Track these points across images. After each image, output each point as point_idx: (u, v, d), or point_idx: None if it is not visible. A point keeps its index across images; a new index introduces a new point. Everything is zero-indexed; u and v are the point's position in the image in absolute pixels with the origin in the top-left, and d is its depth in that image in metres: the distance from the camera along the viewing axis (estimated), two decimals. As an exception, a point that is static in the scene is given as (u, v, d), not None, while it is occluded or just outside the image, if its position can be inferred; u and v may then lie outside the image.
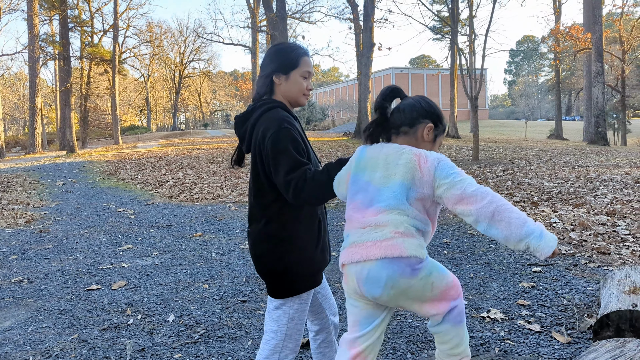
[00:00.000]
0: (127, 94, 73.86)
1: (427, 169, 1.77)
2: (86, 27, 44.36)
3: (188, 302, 4.01)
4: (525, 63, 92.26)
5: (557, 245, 1.73)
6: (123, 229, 6.73)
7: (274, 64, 2.17)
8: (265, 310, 3.83)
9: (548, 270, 4.81)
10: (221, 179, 12.01)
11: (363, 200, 1.86)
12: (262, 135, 2.03)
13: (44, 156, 24.34)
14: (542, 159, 16.21)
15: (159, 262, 5.14)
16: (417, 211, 1.80)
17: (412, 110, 1.92)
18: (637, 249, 5.60)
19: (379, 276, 1.73)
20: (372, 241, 1.76)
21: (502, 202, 1.71)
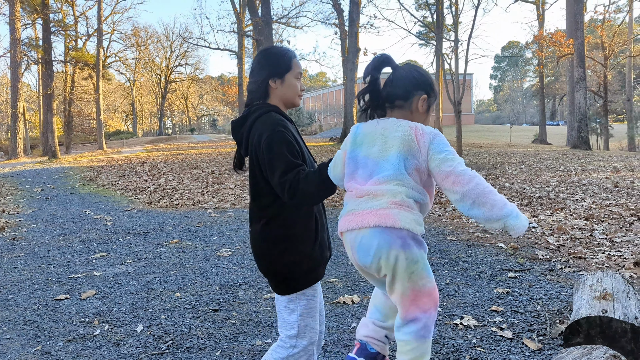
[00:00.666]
0: (113, 99, 73.35)
1: (423, 142, 1.81)
2: (70, 32, 44.10)
3: (158, 312, 3.94)
4: (510, 68, 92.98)
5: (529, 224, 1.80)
6: (98, 237, 6.63)
7: (268, 69, 2.22)
8: (236, 318, 3.78)
9: (524, 276, 4.80)
10: (203, 184, 11.92)
11: (363, 174, 1.89)
12: (258, 139, 2.09)
13: (26, 162, 24.07)
14: (525, 163, 16.30)
15: (132, 270, 5.05)
16: (415, 182, 1.83)
17: (406, 82, 1.93)
18: (613, 254, 5.62)
19: (370, 244, 1.77)
20: (369, 210, 1.79)
21: (486, 185, 1.77)
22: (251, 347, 3.30)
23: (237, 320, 3.74)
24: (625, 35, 40.14)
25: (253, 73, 2.26)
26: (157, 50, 66.76)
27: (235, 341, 3.39)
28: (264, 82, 2.22)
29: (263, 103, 2.23)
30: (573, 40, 26.14)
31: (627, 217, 7.47)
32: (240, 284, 4.58)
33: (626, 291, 3.55)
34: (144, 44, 61.94)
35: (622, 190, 10.00)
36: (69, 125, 48.54)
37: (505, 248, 5.80)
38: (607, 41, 38.26)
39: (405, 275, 1.81)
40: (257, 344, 3.34)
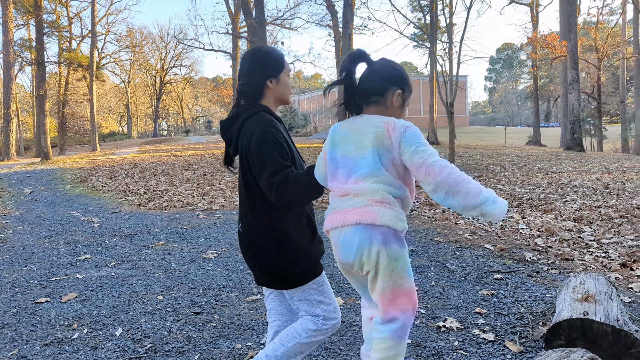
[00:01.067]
0: (108, 100, 73.17)
1: (394, 136, 1.83)
2: (64, 32, 43.95)
3: (139, 315, 3.89)
4: (505, 70, 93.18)
5: (507, 209, 1.84)
6: (84, 239, 6.58)
7: (265, 70, 2.25)
8: (217, 321, 3.74)
9: (509, 278, 4.78)
10: (194, 186, 11.87)
11: (343, 173, 1.92)
12: (248, 139, 2.12)
13: (18, 163, 23.95)
14: (517, 165, 16.32)
15: (116, 273, 5.01)
16: (393, 177, 1.86)
17: (381, 77, 1.94)
18: (600, 255, 5.61)
19: (352, 241, 1.80)
20: (350, 208, 1.82)
21: (459, 173, 1.77)
22: (230, 350, 3.26)
23: (218, 324, 3.70)
24: (619, 38, 40.29)
25: (246, 74, 2.27)
26: (152, 51, 66.66)
27: (215, 345, 3.35)
28: (261, 83, 2.25)
29: (252, 103, 2.25)
30: (566, 42, 26.21)
31: (616, 219, 7.48)
32: (224, 286, 4.54)
33: (609, 293, 3.53)
34: (139, 45, 61.83)
35: (613, 191, 10.02)
36: (63, 126, 48.36)
37: (493, 250, 5.79)
38: (600, 43, 38.42)
39: (387, 272, 1.83)
40: (237, 347, 3.30)
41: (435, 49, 30.39)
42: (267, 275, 2.25)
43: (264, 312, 3.89)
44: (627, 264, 5.20)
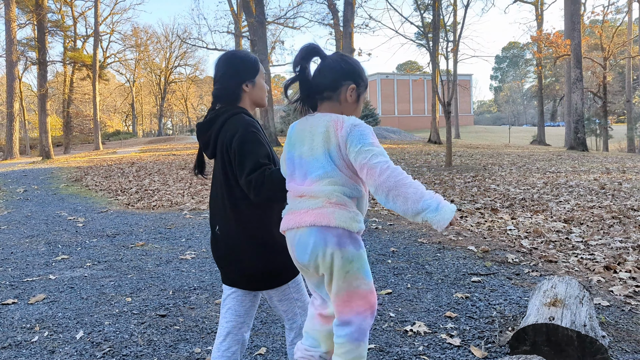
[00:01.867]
0: (113, 99, 73.34)
1: (341, 135, 1.79)
2: (69, 32, 44.07)
3: (104, 317, 3.84)
4: (510, 69, 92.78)
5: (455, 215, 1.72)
6: (65, 238, 6.53)
7: (242, 74, 2.27)
8: (182, 324, 3.68)
9: (488, 280, 4.69)
10: (186, 185, 11.81)
11: (299, 174, 1.90)
12: (229, 138, 2.12)
13: (20, 162, 24.01)
14: (516, 164, 16.18)
15: (90, 274, 4.95)
16: (347, 177, 1.82)
17: (333, 72, 1.90)
18: (586, 257, 5.51)
19: (306, 242, 1.79)
20: (305, 209, 1.81)
21: (402, 176, 1.71)
22: (189, 354, 3.20)
23: (182, 327, 3.64)
24: (625, 36, 39.98)
25: (221, 79, 2.27)
26: (156, 50, 66.75)
27: (174, 348, 3.29)
28: (238, 86, 2.26)
29: (230, 106, 2.26)
30: (570, 41, 26.00)
31: (608, 220, 7.36)
32: (195, 288, 4.48)
33: (579, 297, 3.44)
34: (144, 45, 61.92)
35: (608, 192, 9.88)
36: (67, 125, 48.46)
37: (476, 251, 5.70)
38: (606, 42, 38.12)
39: (341, 274, 1.79)
40: (196, 351, 3.24)
41: (437, 47, 30.28)
42: (247, 276, 2.22)
43: (230, 315, 3.83)
44: (611, 267, 5.10)
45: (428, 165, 15.87)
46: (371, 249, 5.75)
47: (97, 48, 36.92)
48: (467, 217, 7.70)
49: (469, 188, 10.68)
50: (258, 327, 3.62)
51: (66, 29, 41.98)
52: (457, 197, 9.53)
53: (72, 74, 46.30)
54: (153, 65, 67.10)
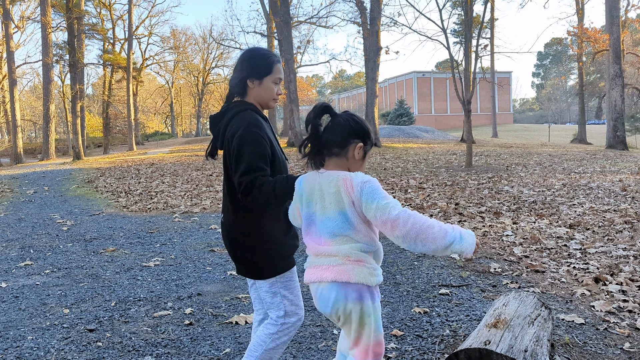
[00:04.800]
0: (153, 100, 74.66)
1: (354, 195, 1.87)
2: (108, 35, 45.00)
3: (30, 331, 3.65)
4: (553, 66, 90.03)
5: (476, 239, 1.85)
6: (42, 243, 6.44)
7: (249, 69, 2.32)
8: (106, 340, 3.47)
9: (458, 292, 4.32)
10: (192, 187, 11.71)
11: (315, 231, 1.99)
12: (232, 135, 2.20)
13: (52, 163, 24.51)
14: (542, 164, 15.50)
15: (42, 282, 4.80)
16: (362, 234, 1.92)
17: (343, 130, 1.98)
18: (579, 266, 5.06)
19: (328, 296, 1.90)
20: (327, 265, 1.91)
21: (423, 220, 1.80)
22: (96, 374, 2.98)
23: (104, 343, 3.42)
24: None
25: (236, 69, 2.37)
26: (194, 52, 67.51)
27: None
28: (243, 80, 2.33)
29: (241, 101, 2.35)
30: (609, 36, 24.89)
31: (618, 225, 6.83)
32: (141, 299, 4.27)
33: (531, 317, 3.07)
34: (182, 47, 62.72)
35: (629, 194, 9.26)
36: (107, 126, 49.57)
37: (457, 260, 5.31)
38: (650, 35, 36.35)
39: (359, 326, 1.92)
40: (104, 371, 3.01)
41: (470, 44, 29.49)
42: (242, 265, 2.33)
43: (162, 331, 3.61)
44: (601, 278, 4.65)
45: (448, 165, 15.35)
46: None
47: (131, 50, 37.49)
48: (465, 221, 7.27)
49: (480, 190, 10.20)
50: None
51: (103, 31, 42.83)
52: (464, 199, 9.08)
53: (112, 76, 47.30)
54: (191, 66, 67.91)
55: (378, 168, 14.93)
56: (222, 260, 5.42)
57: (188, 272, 5.01)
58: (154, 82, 75.05)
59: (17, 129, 33.70)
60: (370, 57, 24.56)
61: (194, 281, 4.73)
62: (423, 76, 61.67)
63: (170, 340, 3.45)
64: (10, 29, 33.68)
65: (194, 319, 3.81)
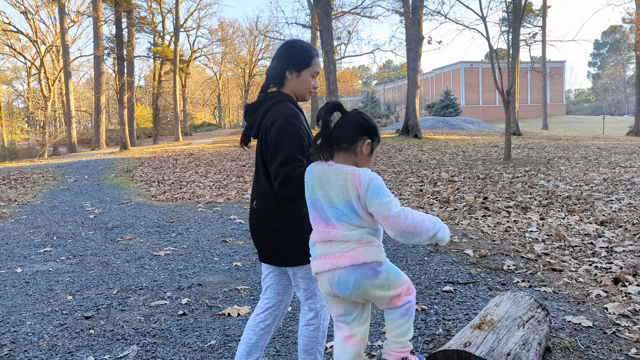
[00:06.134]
0: (202, 92, 75.90)
1: (361, 190, 2.00)
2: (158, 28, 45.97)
3: (31, 317, 3.74)
4: (611, 55, 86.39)
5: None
6: (66, 230, 6.61)
7: (289, 60, 2.39)
8: (98, 328, 3.51)
9: (463, 290, 4.18)
10: (223, 177, 11.80)
11: (321, 215, 2.10)
12: (270, 125, 2.27)
13: (102, 152, 25.23)
14: (587, 158, 14.88)
15: (55, 268, 4.92)
16: (367, 222, 2.05)
17: (352, 127, 2.09)
18: (601, 266, 4.81)
19: (347, 280, 2.02)
20: (340, 252, 2.03)
21: (416, 217, 1.98)
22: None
23: (96, 331, 3.46)
24: None
25: (274, 60, 2.44)
26: (241, 44, 68.10)
27: (72, 355, 3.12)
28: (282, 70, 2.39)
29: (278, 91, 2.41)
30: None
31: (655, 223, 6.47)
32: (142, 288, 4.31)
33: (523, 319, 2.92)
34: (230, 39, 63.41)
35: (674, 190, 8.76)
36: (156, 117, 50.74)
37: (471, 256, 5.14)
38: None
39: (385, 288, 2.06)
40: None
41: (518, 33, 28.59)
42: (277, 251, 2.37)
43: (155, 320, 3.63)
44: (621, 279, 4.40)
45: (486, 158, 14.95)
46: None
47: (178, 43, 38.17)
48: (489, 216, 7.04)
49: (513, 184, 9.86)
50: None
51: (152, 24, 43.71)
52: (494, 193, 8.81)
53: (161, 68, 48.35)
54: (238, 58, 68.58)
55: (413, 160, 14.68)
56: (231, 251, 5.43)
57: (195, 262, 5.03)
58: (203, 74, 76.17)
59: (72, 120, 34.94)
60: (412, 47, 24.10)
61: (198, 271, 4.74)
62: (471, 66, 60.29)
63: (160, 330, 3.46)
64: (66, 24, 34.89)
65: (188, 310, 3.81)
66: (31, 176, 13.10)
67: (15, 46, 48.01)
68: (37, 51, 46.04)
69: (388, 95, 70.50)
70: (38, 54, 46.20)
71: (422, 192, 9.06)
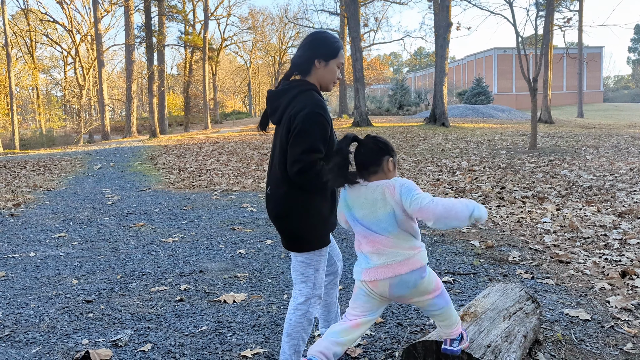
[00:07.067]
0: (233, 80, 76.30)
1: (396, 196, 2.24)
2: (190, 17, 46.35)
3: (35, 299, 3.86)
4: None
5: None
6: (83, 216, 6.77)
7: (318, 50, 2.47)
8: (97, 312, 3.60)
9: (462, 281, 4.15)
10: (243, 165, 11.89)
11: (368, 232, 2.31)
12: (297, 112, 2.33)
13: (132, 140, 25.67)
14: (618, 147, 14.49)
15: (66, 253, 5.05)
16: (409, 227, 2.30)
17: (375, 153, 2.32)
18: (612, 258, 4.73)
19: (407, 281, 2.28)
20: (400, 261, 2.27)
21: (447, 203, 2.17)
22: (75, 345, 3.10)
23: (94, 314, 3.56)
24: None
25: (301, 49, 2.51)
26: (271, 32, 68.11)
27: (68, 337, 3.21)
28: (311, 59, 2.46)
29: (303, 80, 2.48)
30: None
31: (676, 214, 6.28)
32: (145, 274, 4.39)
33: (509, 311, 2.89)
34: (260, 26, 63.49)
35: (702, 181, 8.48)
36: (187, 105, 51.34)
37: (477, 246, 5.09)
38: None
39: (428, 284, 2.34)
40: (83, 342, 3.13)
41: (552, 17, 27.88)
42: (285, 236, 2.47)
43: (152, 306, 3.71)
44: (629, 272, 4.30)
45: (512, 147, 14.69)
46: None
47: (207, 31, 38.42)
48: (503, 206, 6.94)
49: (534, 174, 9.68)
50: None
51: (183, 13, 44.07)
52: (513, 183, 8.66)
53: (192, 57, 48.81)
54: (269, 46, 68.63)
55: (435, 149, 14.52)
56: (237, 239, 5.48)
57: (200, 250, 5.10)
58: (234, 62, 76.51)
59: (105, 108, 35.59)
60: (440, 34, 23.77)
61: (202, 258, 4.81)
62: (504, 52, 59.04)
63: (156, 315, 3.53)
64: (99, 13, 35.47)
65: (185, 296, 3.88)
66: (60, 163, 13.45)
67: (52, 36, 49.12)
68: (73, 40, 46.95)
69: (419, 82, 69.70)
70: (73, 43, 47.13)
71: (439, 182, 8.97)
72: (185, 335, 3.22)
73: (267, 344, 3.08)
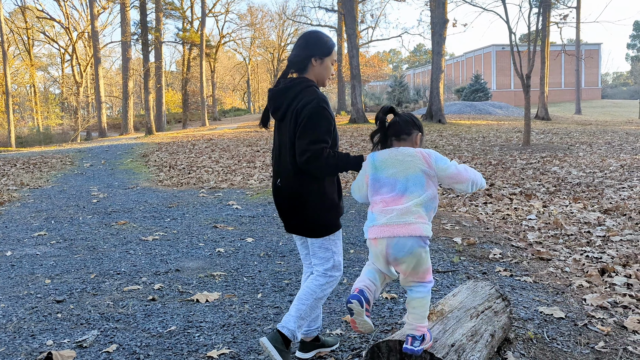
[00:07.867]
0: (232, 77, 76.17)
1: (430, 161, 2.46)
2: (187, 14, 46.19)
3: (6, 299, 3.81)
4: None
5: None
6: (65, 215, 6.72)
7: (314, 48, 2.62)
8: (65, 312, 3.56)
9: (441, 279, 4.11)
10: (233, 162, 11.84)
11: (389, 190, 2.45)
12: (302, 105, 2.49)
13: (128, 137, 25.57)
14: (612, 144, 14.45)
15: (43, 252, 5.01)
16: (431, 193, 2.45)
17: (408, 124, 2.57)
18: (593, 255, 4.69)
19: (404, 244, 2.37)
20: (402, 224, 2.37)
21: (469, 168, 2.52)
22: (38, 346, 3.06)
23: (63, 315, 3.52)
24: None
25: (297, 48, 2.64)
26: (270, 29, 67.96)
27: (33, 338, 3.17)
28: (307, 57, 2.61)
29: (303, 77, 2.62)
30: None
31: (662, 211, 6.24)
32: (119, 273, 4.35)
33: (477, 310, 2.85)
34: (259, 23, 63.35)
35: (692, 177, 8.44)
36: (185, 102, 51.23)
37: (458, 244, 5.04)
38: None
39: (422, 262, 2.43)
40: (47, 343, 3.09)
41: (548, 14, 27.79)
42: (302, 223, 2.63)
43: (122, 305, 3.66)
44: (608, 269, 4.26)
45: (505, 144, 14.64)
46: (345, 238, 5.29)
47: (204, 28, 38.32)
48: (490, 203, 6.89)
49: (524, 170, 9.64)
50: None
51: (180, 10, 43.94)
52: (502, 180, 8.62)
53: (190, 54, 48.68)
54: (267, 43, 68.47)
55: (429, 146, 14.46)
56: (218, 237, 5.44)
57: (179, 248, 5.06)
58: (233, 59, 76.39)
59: (102, 105, 35.47)
60: (437, 30, 23.68)
61: (179, 257, 4.77)
62: (503, 49, 58.89)
63: (125, 315, 3.49)
64: (96, 10, 35.32)
65: (158, 295, 3.84)
66: (50, 161, 13.38)
67: (49, 33, 48.99)
68: (70, 38, 46.80)
69: (418, 79, 69.59)
70: (70, 40, 46.99)
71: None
72: (152, 335, 3.17)
73: (235, 344, 3.04)
